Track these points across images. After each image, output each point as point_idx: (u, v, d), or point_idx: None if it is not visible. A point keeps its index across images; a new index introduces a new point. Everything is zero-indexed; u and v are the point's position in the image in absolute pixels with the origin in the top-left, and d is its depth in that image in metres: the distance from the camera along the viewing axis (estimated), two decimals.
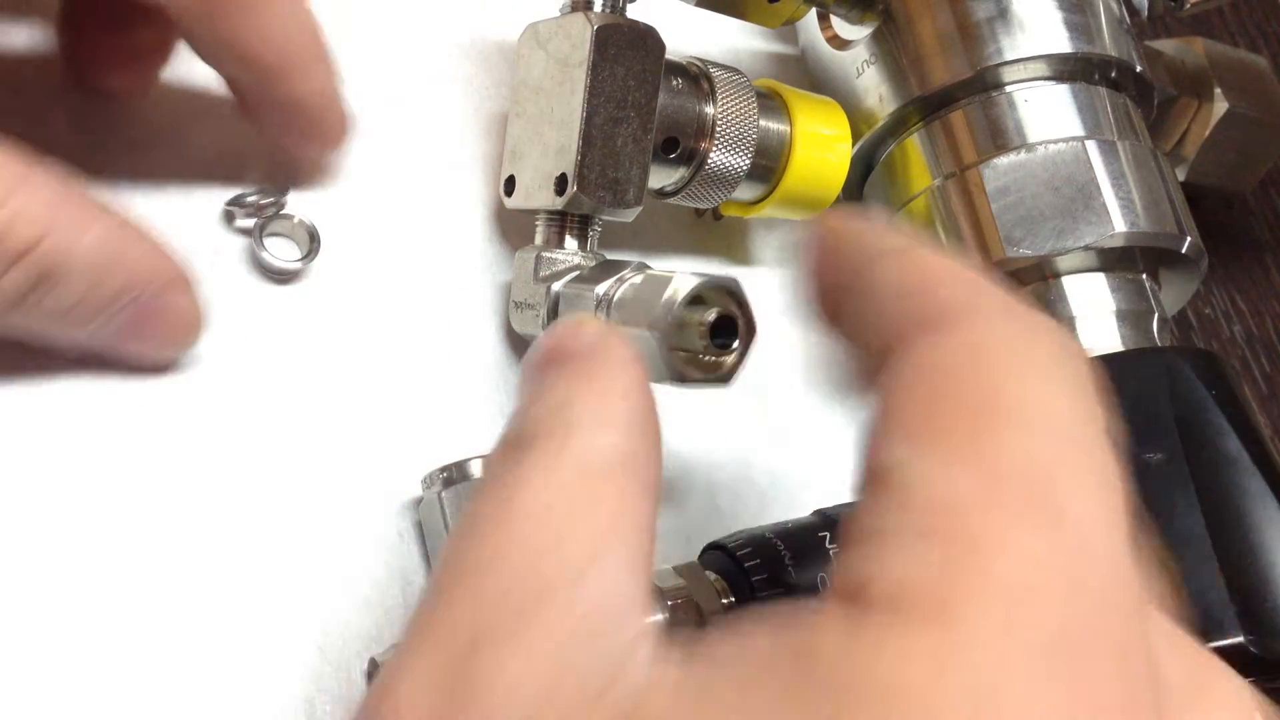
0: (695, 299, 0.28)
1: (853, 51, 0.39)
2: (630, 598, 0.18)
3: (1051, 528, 0.16)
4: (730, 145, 0.34)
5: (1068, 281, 0.36)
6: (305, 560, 0.30)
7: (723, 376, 0.29)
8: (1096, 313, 0.36)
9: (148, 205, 0.31)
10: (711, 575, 0.29)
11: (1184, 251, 0.36)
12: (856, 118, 0.39)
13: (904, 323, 0.19)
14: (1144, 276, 0.37)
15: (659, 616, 0.23)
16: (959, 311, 0.19)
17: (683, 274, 0.28)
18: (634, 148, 0.32)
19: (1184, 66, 0.44)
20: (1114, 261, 0.36)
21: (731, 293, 0.28)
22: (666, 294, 0.28)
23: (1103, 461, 0.17)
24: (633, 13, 0.33)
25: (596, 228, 0.33)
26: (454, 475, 0.31)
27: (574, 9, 0.32)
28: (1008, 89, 0.37)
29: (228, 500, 0.29)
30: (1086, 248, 0.35)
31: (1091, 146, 0.36)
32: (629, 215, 0.33)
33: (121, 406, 0.29)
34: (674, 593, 0.28)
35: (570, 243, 0.33)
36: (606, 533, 0.18)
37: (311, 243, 0.32)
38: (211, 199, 0.32)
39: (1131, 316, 0.36)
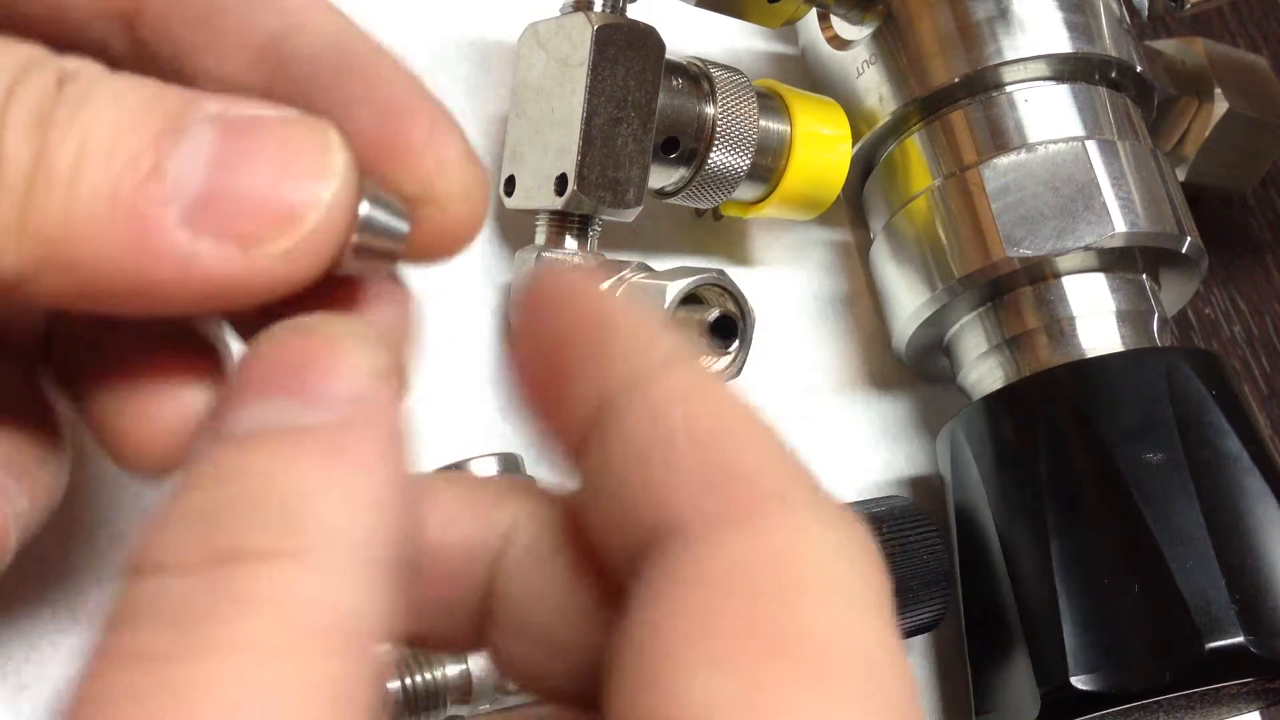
0: (691, 298, 0.28)
1: (853, 51, 0.39)
2: None
3: None
4: (730, 145, 0.34)
5: (1068, 281, 0.36)
6: None
7: (731, 368, 0.29)
8: (1096, 313, 0.36)
9: None
10: None
11: (1184, 251, 0.36)
12: (856, 118, 0.39)
13: (696, 506, 0.15)
14: (1144, 276, 0.37)
15: None
16: (768, 505, 0.15)
17: (670, 277, 0.28)
18: (634, 148, 0.32)
19: (1184, 66, 0.44)
20: (1114, 261, 0.36)
21: (723, 286, 0.29)
22: (659, 302, 0.28)
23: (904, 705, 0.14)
24: (633, 13, 0.33)
25: (596, 228, 0.33)
26: None
27: (574, 9, 0.32)
28: (1008, 89, 0.37)
29: None
30: (1086, 248, 0.35)
31: (1091, 146, 0.36)
32: (629, 215, 0.33)
33: None
34: None
35: (570, 243, 0.33)
36: None
37: None
38: None
39: (1131, 316, 0.36)
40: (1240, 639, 0.30)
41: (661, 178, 0.35)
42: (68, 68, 0.16)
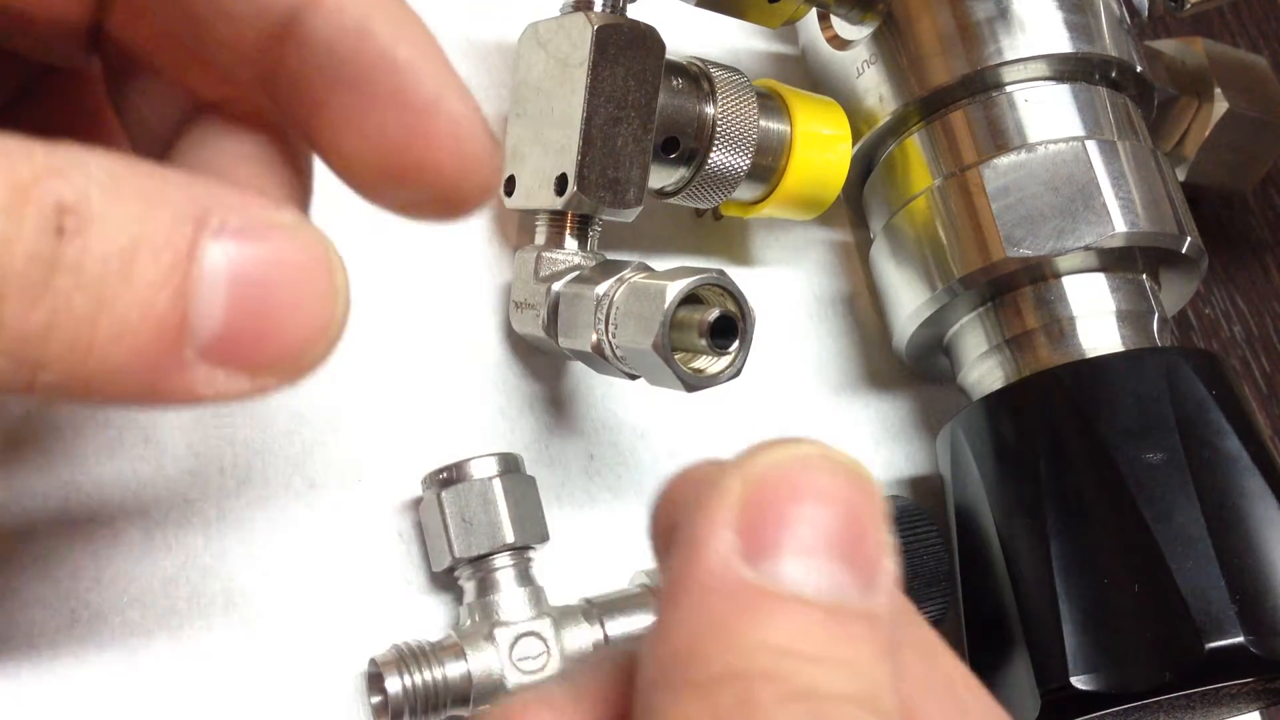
0: (691, 299, 0.28)
1: (853, 51, 0.39)
2: None
3: None
4: (730, 145, 0.34)
5: (1068, 281, 0.36)
6: (305, 560, 0.30)
7: (731, 368, 0.29)
8: (1096, 313, 0.36)
9: None
10: None
11: (1184, 251, 0.36)
12: (856, 118, 0.38)
13: None
14: (1144, 276, 0.37)
15: None
16: None
17: (670, 277, 0.28)
18: (634, 148, 0.32)
19: (1184, 66, 0.44)
20: (1114, 261, 0.36)
21: (723, 286, 0.28)
22: (660, 303, 0.28)
23: None
24: (633, 13, 0.33)
25: (596, 228, 0.33)
26: (453, 475, 0.31)
27: (574, 9, 0.32)
28: (1008, 89, 0.37)
29: (229, 502, 0.29)
30: (1087, 248, 0.35)
31: (1091, 146, 0.36)
32: (629, 215, 0.33)
33: (116, 415, 0.29)
34: None
35: (570, 243, 0.33)
36: None
37: None
38: None
39: (1131, 316, 0.36)
40: (1240, 639, 0.30)
41: (661, 178, 0.35)
42: (66, 199, 0.15)
